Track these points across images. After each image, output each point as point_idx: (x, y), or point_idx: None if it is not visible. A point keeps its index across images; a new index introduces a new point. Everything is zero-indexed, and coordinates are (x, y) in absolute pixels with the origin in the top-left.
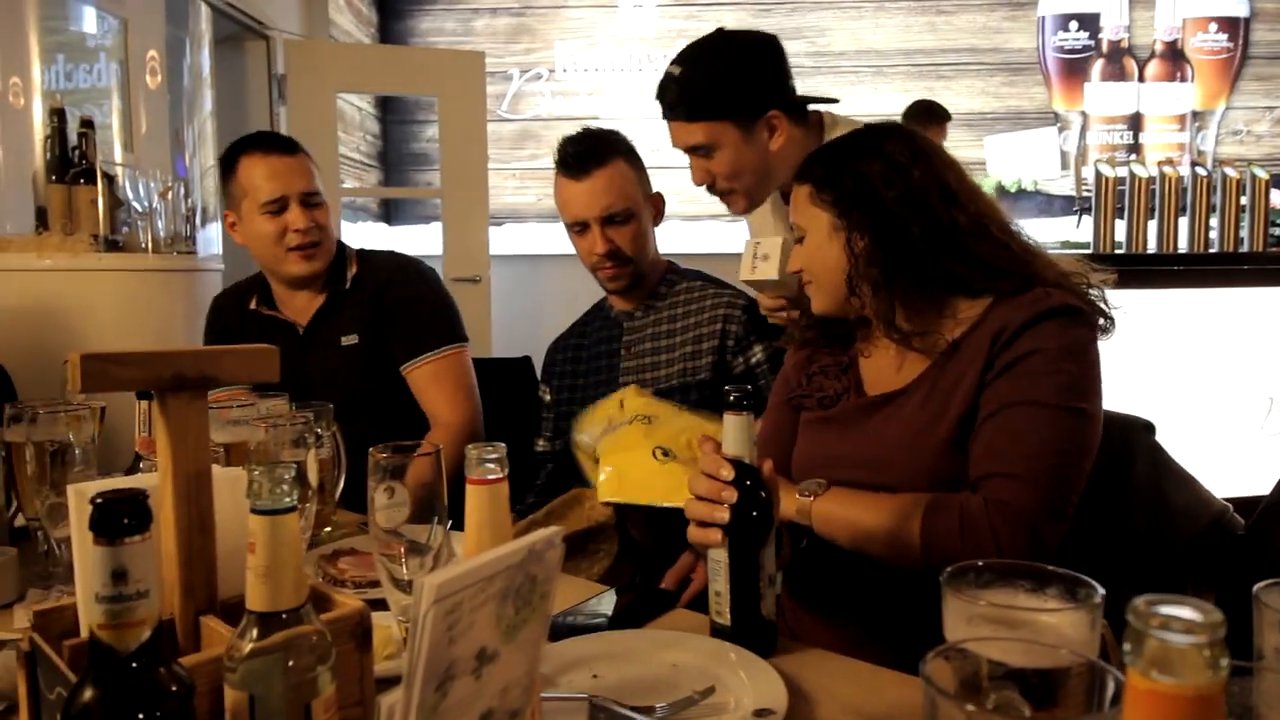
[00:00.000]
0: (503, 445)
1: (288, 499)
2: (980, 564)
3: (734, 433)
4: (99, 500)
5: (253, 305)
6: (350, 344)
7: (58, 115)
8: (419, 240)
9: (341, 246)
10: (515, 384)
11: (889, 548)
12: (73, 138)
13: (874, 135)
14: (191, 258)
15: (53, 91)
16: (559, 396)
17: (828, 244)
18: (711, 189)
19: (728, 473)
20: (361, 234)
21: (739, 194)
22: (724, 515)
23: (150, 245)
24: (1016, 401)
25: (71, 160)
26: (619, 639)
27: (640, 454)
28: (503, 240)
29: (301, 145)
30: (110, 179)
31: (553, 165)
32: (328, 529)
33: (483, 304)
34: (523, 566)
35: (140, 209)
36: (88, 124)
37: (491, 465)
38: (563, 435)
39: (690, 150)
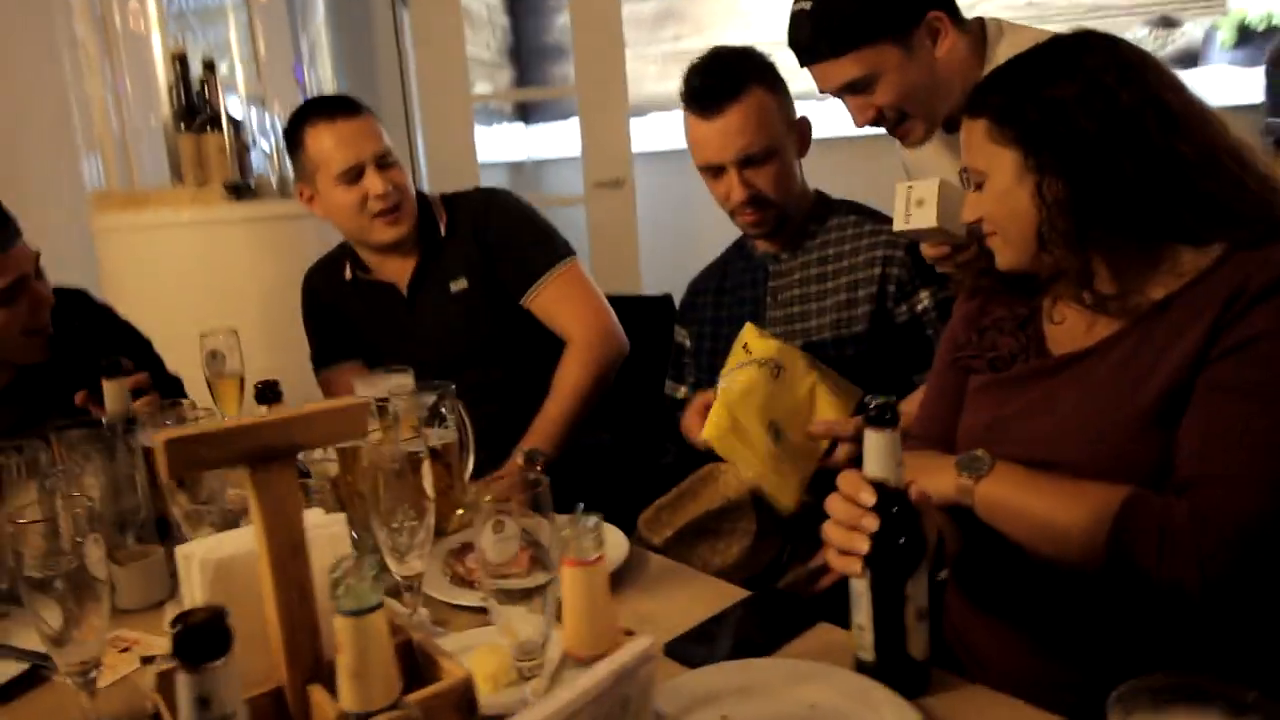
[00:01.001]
0: (598, 518)
1: (372, 597)
2: (1162, 680)
3: (876, 452)
4: (179, 627)
5: (348, 275)
6: (460, 290)
7: (180, 61)
8: (557, 139)
9: (424, 199)
10: (656, 324)
11: (1065, 548)
12: (195, 83)
13: (1065, 49)
14: None
15: (170, 24)
16: (699, 344)
17: (1014, 190)
18: (879, 122)
19: (868, 497)
20: (497, 136)
21: (917, 119)
22: (864, 545)
23: (279, 186)
24: (1246, 389)
25: (197, 107)
26: (752, 671)
27: (754, 424)
28: (646, 134)
29: (364, 103)
30: (236, 123)
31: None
32: (459, 512)
33: (627, 211)
34: (615, 691)
35: (268, 150)
36: (209, 67)
37: (588, 544)
38: (704, 383)
39: (846, 90)
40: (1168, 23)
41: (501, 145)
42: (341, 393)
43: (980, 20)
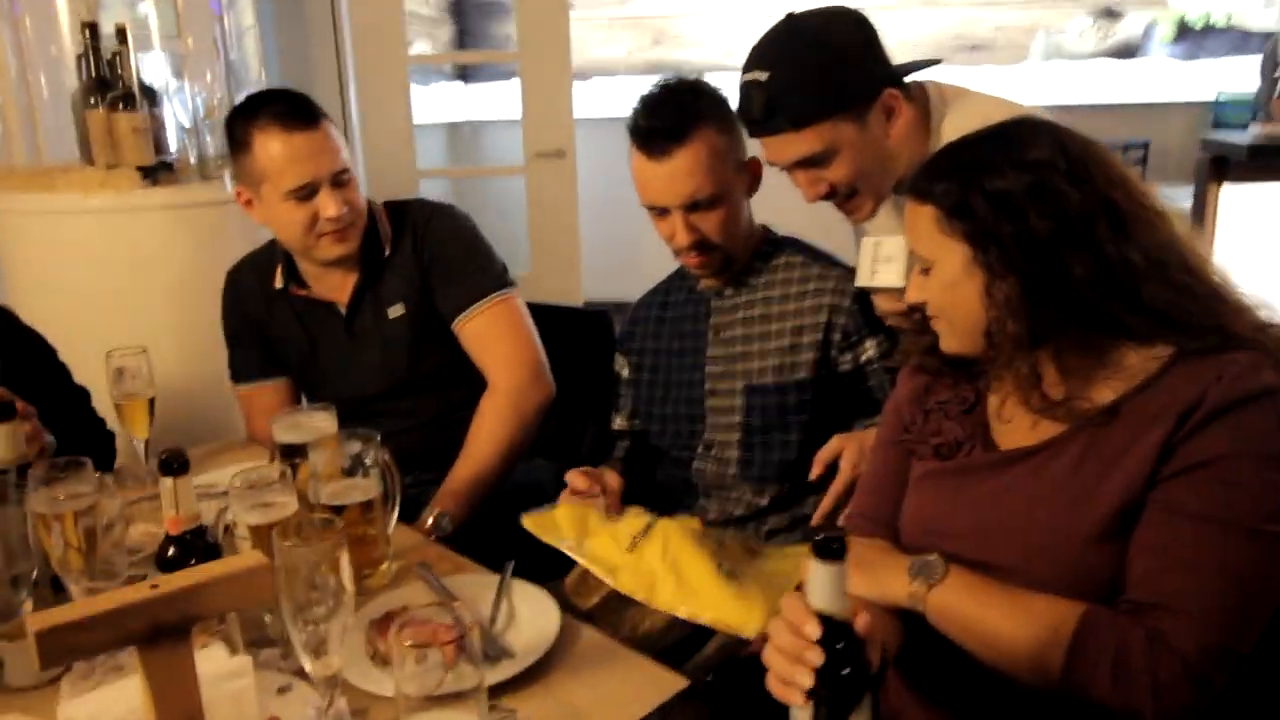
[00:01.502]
0: None
1: None
2: None
3: (823, 584)
4: None
5: (279, 284)
6: (398, 316)
7: (89, 30)
8: (497, 100)
9: (369, 212)
10: (596, 342)
11: (1016, 664)
12: (107, 53)
13: (1013, 136)
14: None
15: None
16: (637, 374)
17: (962, 283)
18: (829, 197)
19: (812, 630)
20: (435, 96)
21: (866, 195)
22: (807, 680)
23: (200, 167)
24: (1200, 516)
25: (109, 80)
26: None
27: (704, 573)
28: (589, 100)
29: (320, 108)
30: (152, 94)
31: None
32: (383, 567)
33: (568, 183)
34: None
35: (187, 124)
36: (121, 35)
37: None
38: (641, 415)
39: (799, 165)
40: (1110, 14)
41: (439, 105)
42: (260, 417)
43: (922, 88)
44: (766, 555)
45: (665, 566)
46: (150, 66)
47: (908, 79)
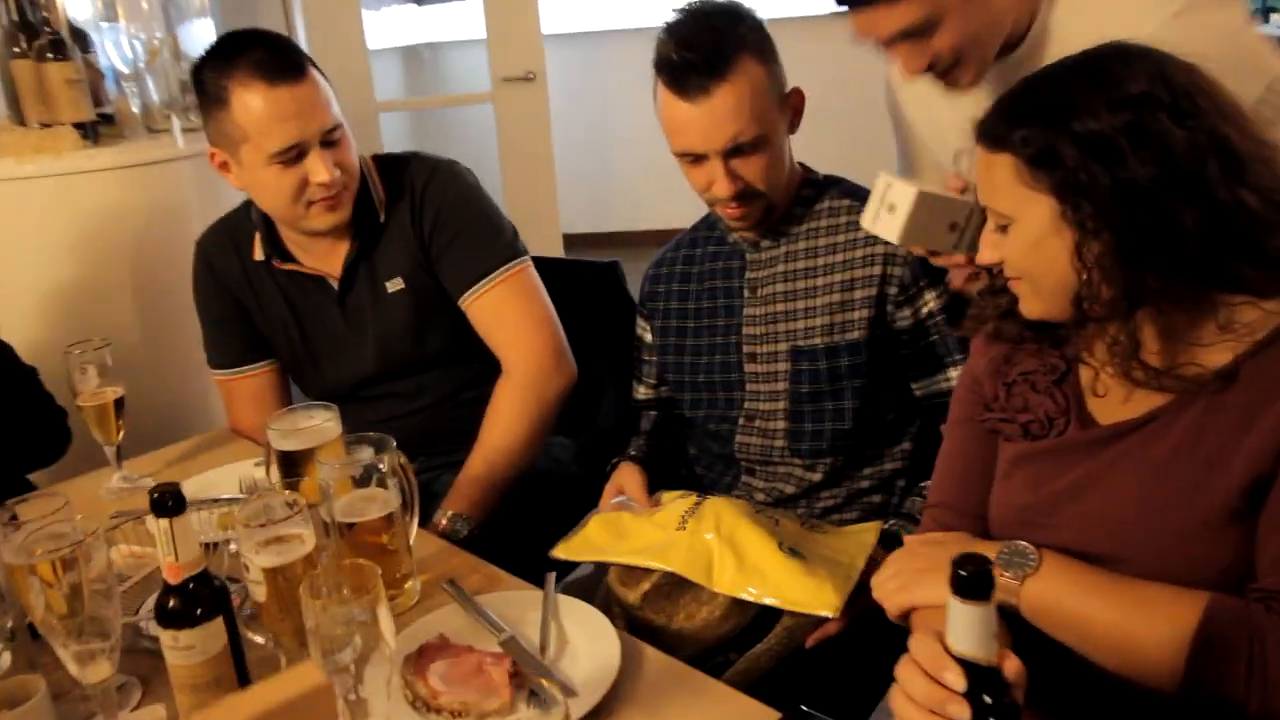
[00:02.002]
0: None
1: None
2: None
3: (967, 626)
4: None
5: (259, 256)
6: (396, 291)
7: None
8: (455, 23)
9: (360, 173)
10: (606, 296)
11: (1133, 662)
12: None
13: (1104, 68)
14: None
15: None
16: (663, 340)
17: (1047, 242)
18: (930, 68)
19: (956, 680)
20: (387, 20)
21: (970, 63)
22: None
23: (144, 118)
24: None
25: (34, 25)
26: None
27: (765, 551)
28: (556, 16)
29: (305, 53)
30: (83, 37)
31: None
32: (408, 585)
33: (539, 108)
34: None
35: (126, 69)
36: None
37: None
38: (670, 384)
39: (901, 37)
40: None
41: (393, 30)
42: (247, 409)
43: None
44: (826, 532)
45: (722, 544)
46: (76, 5)
47: None
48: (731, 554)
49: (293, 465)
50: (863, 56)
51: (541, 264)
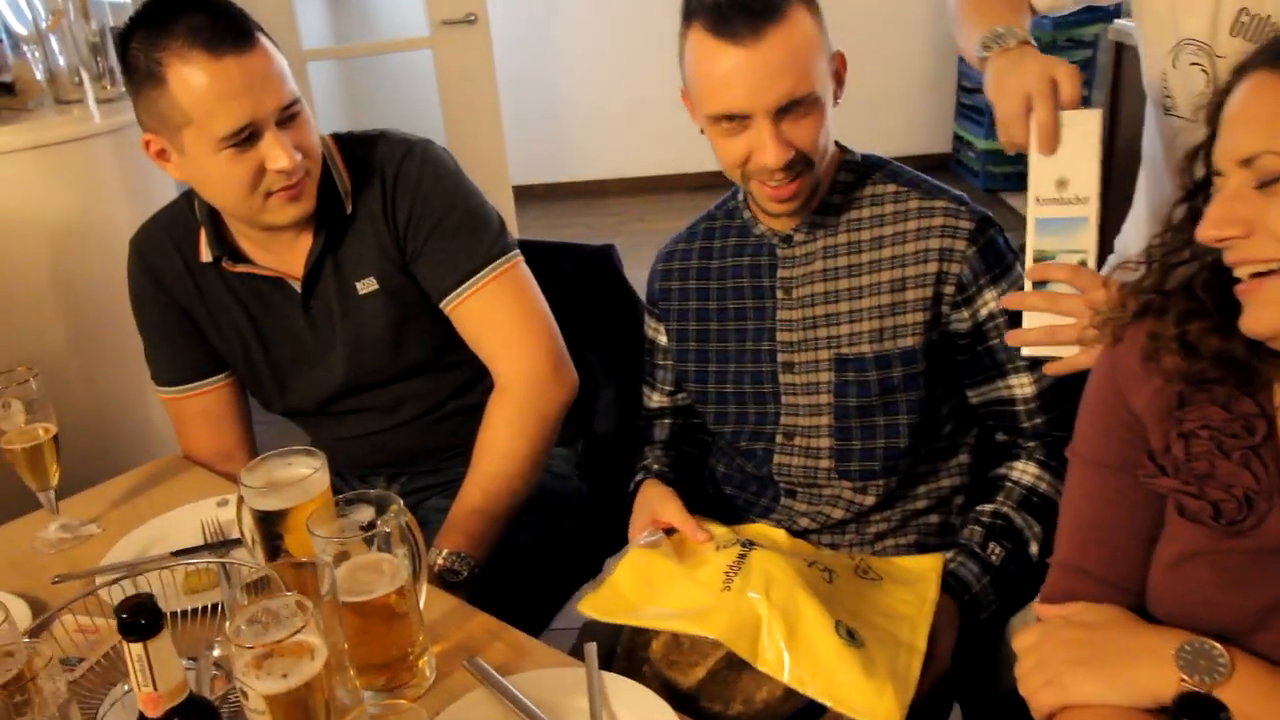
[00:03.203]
0: None
1: None
2: None
3: None
4: None
5: (206, 257)
6: (369, 293)
7: None
8: None
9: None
10: (600, 282)
11: None
12: None
13: None
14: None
15: None
16: (682, 345)
17: None
18: None
19: None
20: None
21: None
22: None
23: (51, 87)
24: None
25: None
26: None
27: (820, 630)
28: None
29: (249, 15)
30: None
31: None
32: (422, 663)
33: (482, 53)
34: None
35: (25, 31)
36: None
37: None
38: (692, 394)
39: None
40: None
41: None
42: (202, 432)
43: None
44: (882, 580)
45: (773, 611)
46: None
47: None
48: (782, 625)
49: (272, 524)
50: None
51: (525, 248)
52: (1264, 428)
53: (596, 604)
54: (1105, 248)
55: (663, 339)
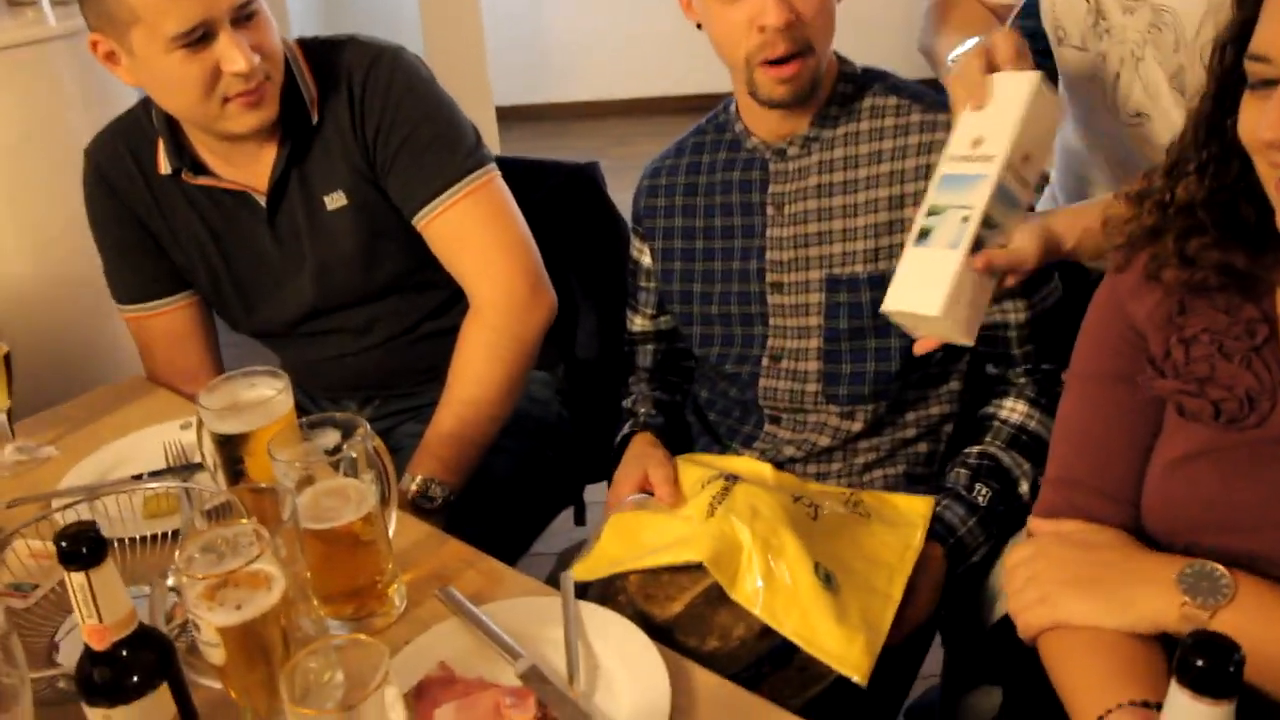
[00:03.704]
0: None
1: None
2: None
3: None
4: None
5: (165, 169)
6: (338, 208)
7: None
8: None
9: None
10: (585, 201)
11: None
12: None
13: None
14: None
15: None
16: (667, 265)
17: None
18: None
19: None
20: None
21: None
22: None
23: None
24: None
25: None
26: None
27: (799, 568)
28: None
29: None
30: None
31: None
32: (392, 591)
33: None
34: None
35: None
36: None
37: None
38: (677, 316)
39: None
40: None
41: None
42: (166, 352)
43: None
44: (869, 521)
45: (756, 541)
46: None
47: None
48: (762, 559)
49: (232, 448)
50: None
51: (504, 166)
52: (1266, 331)
53: (585, 567)
54: None
55: (647, 259)
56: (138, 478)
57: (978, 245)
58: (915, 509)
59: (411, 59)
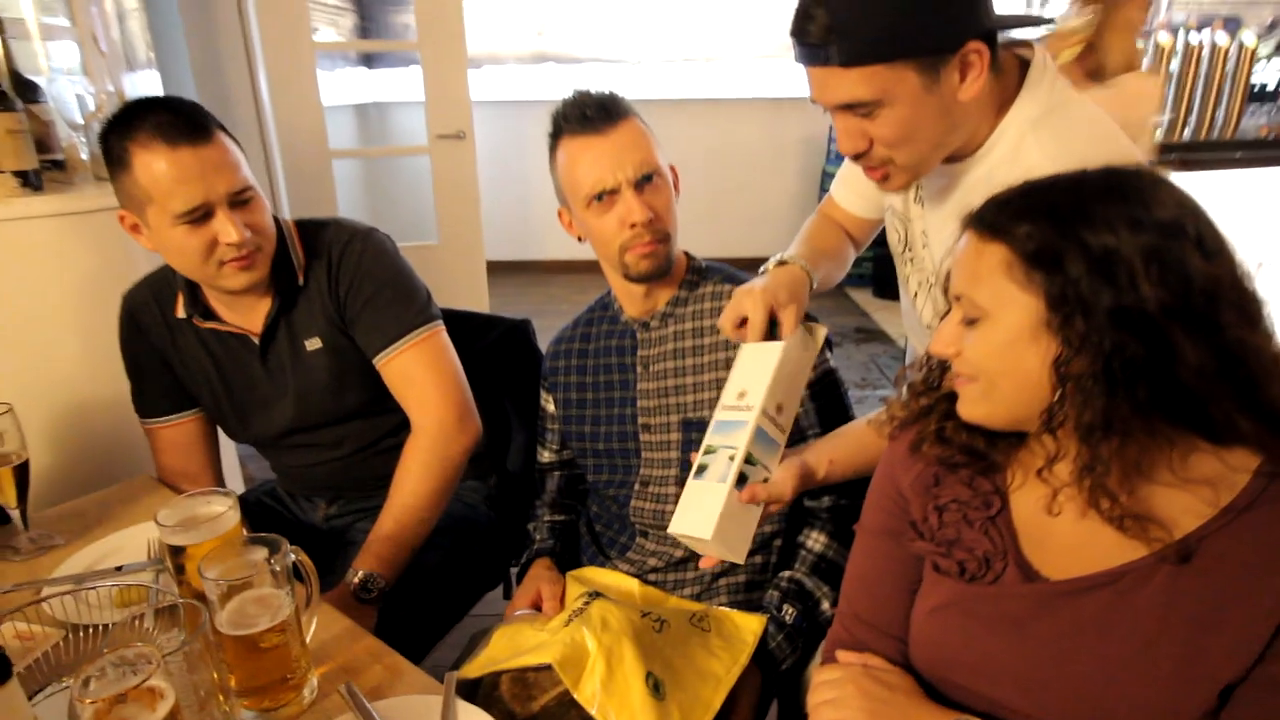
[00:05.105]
0: None
1: None
2: None
3: None
4: None
5: (181, 314)
6: (315, 350)
7: None
8: (400, 85)
9: (279, 228)
10: (517, 351)
11: None
12: None
13: (1130, 187)
14: None
15: None
16: (565, 411)
17: (1022, 348)
18: (859, 158)
19: None
20: (340, 81)
21: (901, 168)
22: None
23: (94, 166)
24: None
25: None
26: None
27: (633, 677)
28: (483, 86)
29: (213, 117)
30: (31, 87)
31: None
32: (306, 687)
33: (468, 161)
34: None
35: (78, 119)
36: None
37: None
38: (573, 450)
39: (842, 109)
40: None
41: (346, 89)
42: (170, 453)
43: (1016, 57)
44: (708, 633)
45: (601, 651)
46: (23, 57)
47: (1006, 35)
48: (603, 666)
49: (180, 556)
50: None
51: (460, 317)
52: (999, 503)
53: (471, 668)
54: None
55: (551, 407)
56: (119, 569)
57: (743, 479)
58: (749, 626)
59: (380, 238)
